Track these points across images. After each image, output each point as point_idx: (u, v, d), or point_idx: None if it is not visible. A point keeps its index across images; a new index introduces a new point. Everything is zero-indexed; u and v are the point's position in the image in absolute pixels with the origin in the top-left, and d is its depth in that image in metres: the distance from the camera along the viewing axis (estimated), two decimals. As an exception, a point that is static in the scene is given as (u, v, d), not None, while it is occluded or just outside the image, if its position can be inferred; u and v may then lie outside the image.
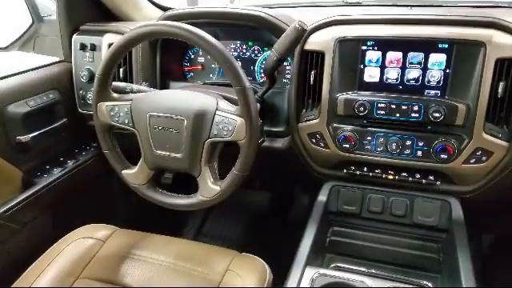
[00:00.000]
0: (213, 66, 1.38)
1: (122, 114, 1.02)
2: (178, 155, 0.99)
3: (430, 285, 1.09)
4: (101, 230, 1.16)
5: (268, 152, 1.20)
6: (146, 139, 1.01)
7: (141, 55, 1.29)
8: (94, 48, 1.36)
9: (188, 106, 0.97)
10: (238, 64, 0.91)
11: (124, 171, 1.08)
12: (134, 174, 1.07)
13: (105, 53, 1.34)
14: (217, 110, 0.96)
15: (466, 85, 1.00)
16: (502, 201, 1.13)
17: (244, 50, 1.33)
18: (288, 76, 1.27)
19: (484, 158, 1.03)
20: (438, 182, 1.11)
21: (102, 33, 1.36)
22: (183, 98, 1.00)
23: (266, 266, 1.06)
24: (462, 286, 0.91)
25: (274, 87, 1.16)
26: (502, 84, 0.97)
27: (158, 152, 1.01)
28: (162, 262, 1.05)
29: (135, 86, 1.15)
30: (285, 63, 1.25)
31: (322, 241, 1.18)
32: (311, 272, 0.95)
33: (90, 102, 1.38)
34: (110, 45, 1.32)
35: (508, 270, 1.48)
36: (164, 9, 1.52)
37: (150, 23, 0.94)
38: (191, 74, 1.42)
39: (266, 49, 1.31)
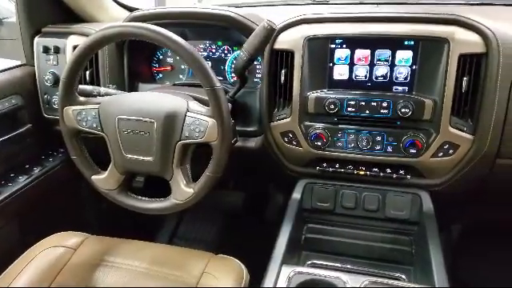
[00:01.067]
0: (182, 66, 1.36)
1: (89, 119, 1.00)
2: (149, 158, 0.98)
3: (403, 277, 1.11)
4: (71, 238, 1.13)
5: (241, 152, 1.20)
6: (115, 143, 0.99)
7: (107, 57, 1.26)
8: (57, 51, 1.31)
9: (158, 108, 0.95)
10: (208, 64, 0.90)
11: (94, 176, 1.05)
12: (104, 179, 1.04)
13: (69, 55, 1.30)
14: (187, 111, 0.95)
15: (432, 80, 1.03)
16: (468, 192, 1.17)
17: (213, 50, 1.32)
18: (259, 75, 1.27)
19: (451, 152, 1.06)
20: (408, 176, 1.13)
21: (65, 35, 1.32)
22: (153, 99, 0.99)
23: (243, 266, 1.05)
24: (433, 276, 0.93)
25: (245, 87, 1.16)
26: (465, 79, 1.00)
27: (129, 156, 0.99)
28: (136, 267, 1.03)
29: (103, 89, 1.13)
30: (255, 62, 1.25)
31: (297, 238, 1.19)
32: (288, 270, 0.95)
33: (55, 106, 1.34)
34: (74, 47, 1.28)
35: (475, 257, 1.54)
36: (130, 9, 1.49)
37: (116, 24, 0.92)
38: (160, 75, 1.39)
39: (235, 48, 1.30)
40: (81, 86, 1.07)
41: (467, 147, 1.05)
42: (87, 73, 1.26)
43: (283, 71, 1.12)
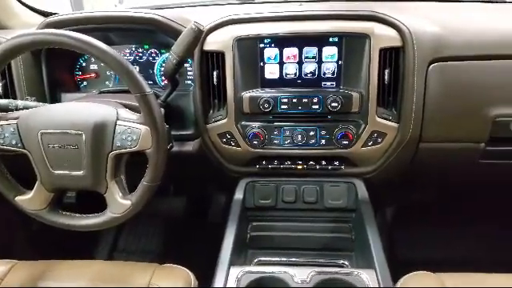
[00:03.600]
0: (108, 72, 1.30)
1: (7, 135, 0.92)
2: (80, 173, 0.92)
3: (346, 263, 1.16)
4: (-4, 267, 1.03)
5: (179, 157, 1.17)
6: (40, 160, 0.92)
7: (23, 67, 1.16)
8: None
9: (85, 119, 0.90)
10: (135, 69, 0.87)
11: (18, 197, 0.97)
12: (30, 199, 0.96)
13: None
14: (117, 119, 0.91)
15: (357, 74, 1.08)
16: (398, 176, 1.24)
17: (140, 54, 1.27)
18: (190, 77, 1.25)
19: (379, 140, 1.12)
20: (343, 167, 1.18)
21: None
22: (78, 110, 0.93)
23: (190, 273, 1.03)
24: (373, 258, 0.98)
25: (177, 90, 1.13)
26: (387, 71, 1.07)
27: (57, 172, 0.93)
28: (76, 289, 0.97)
29: (20, 102, 1.03)
30: (186, 64, 1.23)
31: (242, 238, 1.19)
32: (236, 271, 0.95)
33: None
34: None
35: (410, 236, 1.66)
36: (44, 14, 1.39)
37: (30, 32, 0.85)
38: (84, 83, 1.31)
39: (163, 51, 1.26)
40: None
41: (393, 135, 1.12)
42: None
43: (215, 72, 1.11)
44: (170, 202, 1.86)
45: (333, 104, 1.08)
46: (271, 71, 1.11)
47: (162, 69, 1.26)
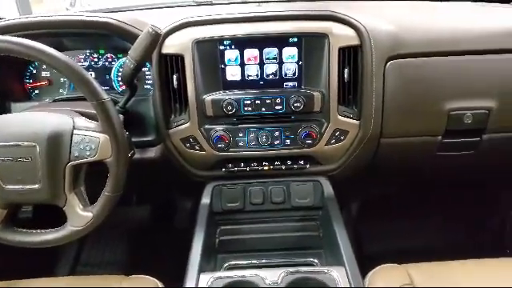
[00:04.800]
0: (62, 79, 1.24)
1: None
2: (36, 186, 0.88)
3: (316, 261, 1.17)
4: None
5: (141, 164, 1.14)
6: None
7: (-35, 76, 1.09)
8: None
9: (38, 130, 0.86)
10: (91, 75, 0.84)
11: None
12: None
13: None
14: (74, 128, 0.87)
15: (317, 74, 1.10)
16: (361, 172, 1.27)
17: (96, 59, 1.22)
18: (149, 82, 1.22)
19: (342, 138, 1.14)
20: (308, 165, 1.19)
21: None
22: (30, 120, 0.89)
23: (159, 283, 1.01)
24: (342, 255, 1.00)
25: (136, 95, 1.10)
26: (346, 70, 1.08)
27: (10, 187, 0.88)
28: (35, 311, 0.92)
29: None
30: (144, 69, 1.19)
31: (211, 243, 1.18)
32: (206, 278, 0.94)
33: None
34: None
35: (374, 229, 1.70)
36: (-11, 19, 1.30)
37: None
38: (36, 91, 1.25)
39: (120, 56, 1.22)
40: None
41: (355, 132, 1.14)
42: None
43: (175, 76, 1.09)
44: (134, 210, 1.81)
45: (295, 104, 1.09)
46: (232, 73, 1.10)
47: (120, 74, 1.22)
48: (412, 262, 1.03)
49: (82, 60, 1.22)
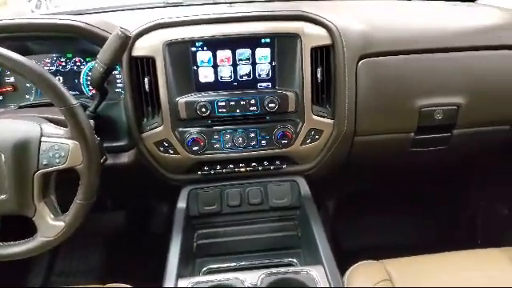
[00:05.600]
0: (27, 84, 1.19)
1: None
2: (2, 197, 0.85)
3: (295, 260, 1.18)
4: None
5: (114, 170, 1.11)
6: None
7: None
8: None
9: (3, 138, 0.83)
10: (58, 80, 0.81)
11: None
12: None
13: None
14: (42, 136, 0.85)
15: (291, 74, 1.10)
16: (337, 170, 1.28)
17: (63, 63, 1.18)
18: (120, 85, 1.19)
19: (317, 137, 1.15)
20: (284, 166, 1.19)
21: None
22: None
23: None
24: (320, 254, 1.00)
25: (106, 99, 1.08)
26: (319, 70, 1.09)
27: None
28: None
29: None
30: (114, 72, 1.16)
31: (189, 248, 1.16)
32: (184, 283, 0.93)
33: None
34: None
35: (350, 226, 1.72)
36: None
37: None
38: (0, 97, 1.20)
39: (89, 59, 1.19)
40: None
41: (330, 131, 1.15)
42: None
43: (146, 79, 1.07)
44: (109, 216, 1.77)
45: (270, 105, 1.08)
46: (205, 75, 1.09)
47: (89, 78, 1.19)
48: (389, 257, 1.05)
49: (49, 64, 1.18)
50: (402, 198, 1.75)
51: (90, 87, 1.20)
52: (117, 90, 1.19)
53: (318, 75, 1.09)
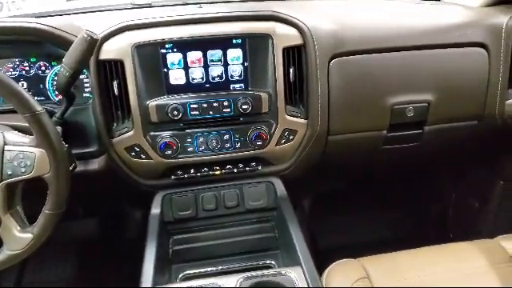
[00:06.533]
0: None
1: None
2: None
3: (273, 262, 1.17)
4: None
5: (84, 177, 1.07)
6: None
7: None
8: None
9: None
10: (21, 86, 0.77)
11: None
12: None
13: None
14: (5, 144, 0.81)
15: (263, 75, 1.09)
16: (312, 170, 1.29)
17: (27, 68, 1.14)
18: (88, 89, 1.15)
19: (291, 137, 1.14)
20: (259, 167, 1.19)
21: None
22: None
23: None
24: (298, 255, 1.00)
25: (74, 104, 1.04)
26: (291, 70, 1.09)
27: None
28: None
29: None
30: (82, 76, 1.13)
31: (164, 254, 1.14)
32: (161, 291, 0.90)
33: None
34: None
35: (327, 225, 1.73)
36: None
37: None
38: None
39: (54, 63, 1.14)
40: None
41: (304, 131, 1.15)
42: None
43: (115, 82, 1.04)
44: (81, 224, 1.71)
45: (243, 106, 1.07)
46: (176, 77, 1.07)
47: (55, 83, 1.14)
48: (365, 254, 1.06)
49: (11, 69, 1.13)
50: (376, 195, 1.78)
51: (56, 92, 1.15)
52: (85, 95, 1.15)
53: (291, 75, 1.09)
